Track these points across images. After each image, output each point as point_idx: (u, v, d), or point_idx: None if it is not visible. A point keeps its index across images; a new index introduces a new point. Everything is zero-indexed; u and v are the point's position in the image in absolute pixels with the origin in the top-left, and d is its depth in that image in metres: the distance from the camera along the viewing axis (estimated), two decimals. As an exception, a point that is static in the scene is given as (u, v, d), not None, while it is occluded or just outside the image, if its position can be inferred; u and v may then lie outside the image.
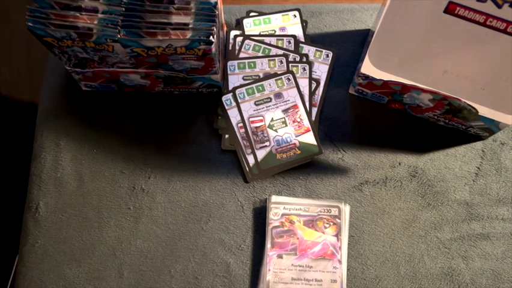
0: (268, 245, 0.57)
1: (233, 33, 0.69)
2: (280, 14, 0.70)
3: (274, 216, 0.58)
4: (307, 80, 0.65)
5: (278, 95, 0.64)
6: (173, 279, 0.57)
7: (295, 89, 0.64)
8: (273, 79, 0.65)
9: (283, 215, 0.58)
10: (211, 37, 0.51)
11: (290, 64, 0.66)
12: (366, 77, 0.59)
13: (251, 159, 0.62)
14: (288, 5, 0.71)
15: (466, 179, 0.62)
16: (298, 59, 0.66)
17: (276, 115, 0.63)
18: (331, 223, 0.58)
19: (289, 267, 0.56)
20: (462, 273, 0.58)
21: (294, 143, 0.62)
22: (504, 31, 0.47)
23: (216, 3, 0.53)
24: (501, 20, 0.46)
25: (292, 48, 0.67)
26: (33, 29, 0.51)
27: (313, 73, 0.66)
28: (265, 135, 0.62)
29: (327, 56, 0.68)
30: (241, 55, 0.67)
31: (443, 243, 0.59)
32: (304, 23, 0.70)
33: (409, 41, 0.53)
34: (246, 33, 0.69)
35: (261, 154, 0.62)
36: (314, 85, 0.66)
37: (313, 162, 0.63)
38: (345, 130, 0.64)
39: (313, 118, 0.64)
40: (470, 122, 0.60)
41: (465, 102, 0.56)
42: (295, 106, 0.64)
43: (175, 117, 0.65)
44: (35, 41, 0.54)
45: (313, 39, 0.70)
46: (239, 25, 0.70)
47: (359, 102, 0.66)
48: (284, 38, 0.68)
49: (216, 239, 0.59)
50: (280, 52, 0.66)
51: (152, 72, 0.59)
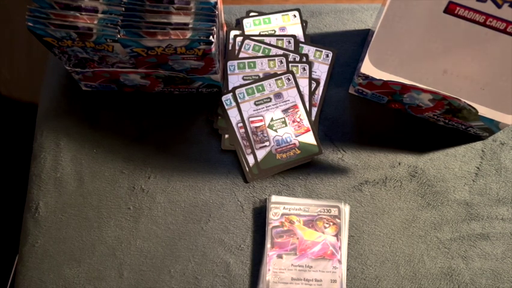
0: (268, 245, 0.57)
1: (233, 33, 0.69)
2: (280, 14, 0.70)
3: (274, 216, 0.58)
4: (307, 80, 0.65)
5: (278, 95, 0.64)
6: (173, 279, 0.57)
7: (295, 89, 0.64)
8: (273, 79, 0.65)
9: (283, 215, 0.58)
10: (211, 37, 0.51)
11: (290, 64, 0.66)
12: (366, 77, 0.59)
13: (251, 159, 0.62)
14: (288, 5, 0.71)
15: (466, 179, 0.62)
16: (298, 59, 0.66)
17: (276, 115, 0.63)
18: (331, 223, 0.58)
19: (289, 267, 0.56)
20: (462, 273, 0.58)
21: (294, 143, 0.62)
22: (504, 31, 0.47)
23: (216, 3, 0.53)
24: (501, 20, 0.46)
25: (292, 48, 0.67)
26: (33, 29, 0.51)
27: (313, 73, 0.66)
28: (265, 135, 0.62)
29: (327, 56, 0.68)
30: (241, 55, 0.67)
31: (443, 243, 0.59)
32: (304, 23, 0.70)
33: (409, 41, 0.53)
34: (246, 33, 0.69)
35: (261, 154, 0.62)
36: (314, 85, 0.66)
37: (313, 162, 0.63)
38: (345, 130, 0.64)
39: (313, 118, 0.64)
40: (470, 122, 0.60)
41: (465, 102, 0.56)
42: (295, 106, 0.64)
43: (175, 117, 0.65)
44: (35, 41, 0.54)
45: (313, 39, 0.70)
46: (239, 25, 0.70)
47: (359, 102, 0.66)
48: (284, 38, 0.68)
49: (216, 239, 0.59)
50: (280, 52, 0.66)
51: (152, 72, 0.59)
